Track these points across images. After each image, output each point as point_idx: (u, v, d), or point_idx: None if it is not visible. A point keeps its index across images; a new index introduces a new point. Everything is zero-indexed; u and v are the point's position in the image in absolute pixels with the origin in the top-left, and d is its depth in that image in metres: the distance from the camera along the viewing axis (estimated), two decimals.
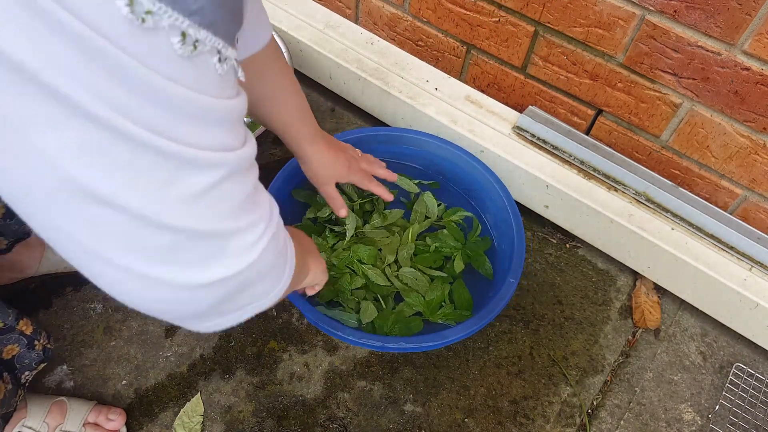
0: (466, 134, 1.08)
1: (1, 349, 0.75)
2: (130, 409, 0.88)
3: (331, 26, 1.24)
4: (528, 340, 1.01)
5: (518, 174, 1.06)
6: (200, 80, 0.33)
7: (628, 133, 1.06)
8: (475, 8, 1.07)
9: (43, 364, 0.81)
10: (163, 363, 0.94)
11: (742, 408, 0.97)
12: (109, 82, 0.29)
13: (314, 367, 0.95)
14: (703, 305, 1.03)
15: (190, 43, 0.31)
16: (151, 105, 0.31)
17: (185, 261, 0.38)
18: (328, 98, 1.31)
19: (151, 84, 0.30)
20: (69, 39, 0.27)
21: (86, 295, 0.99)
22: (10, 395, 0.75)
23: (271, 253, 0.46)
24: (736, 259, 0.97)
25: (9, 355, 0.76)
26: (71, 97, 0.28)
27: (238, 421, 0.89)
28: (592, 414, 0.95)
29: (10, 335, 0.75)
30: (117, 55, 0.29)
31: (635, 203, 1.02)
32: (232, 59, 0.36)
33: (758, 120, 0.89)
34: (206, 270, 0.40)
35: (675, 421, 0.96)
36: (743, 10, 0.80)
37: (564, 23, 0.98)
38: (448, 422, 0.92)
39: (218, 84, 0.35)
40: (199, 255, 0.39)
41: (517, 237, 0.95)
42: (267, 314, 1.00)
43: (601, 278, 1.11)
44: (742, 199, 1.01)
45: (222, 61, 0.34)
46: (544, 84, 1.09)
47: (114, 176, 0.32)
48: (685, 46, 0.89)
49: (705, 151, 0.99)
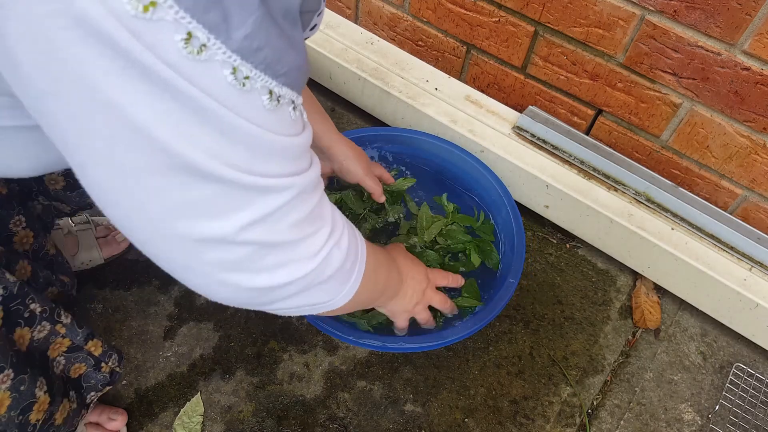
0: (466, 134, 1.08)
1: (68, 367, 0.75)
2: (130, 409, 0.88)
3: (331, 26, 1.24)
4: (528, 340, 1.01)
5: (518, 174, 1.06)
6: (280, 125, 0.41)
7: (628, 133, 1.06)
8: (475, 8, 1.07)
9: (108, 386, 0.80)
10: (163, 363, 0.94)
11: (742, 408, 0.97)
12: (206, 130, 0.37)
13: (314, 367, 0.95)
14: (703, 305, 1.03)
15: (275, 99, 0.40)
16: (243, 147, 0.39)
17: (256, 269, 0.46)
18: (328, 98, 1.31)
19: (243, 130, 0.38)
20: (185, 100, 0.35)
21: (86, 295, 0.99)
22: (74, 415, 0.74)
23: (336, 260, 0.53)
24: (736, 259, 0.97)
25: (76, 374, 0.76)
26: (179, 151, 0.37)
27: (238, 421, 0.89)
28: (592, 414, 0.95)
29: (78, 354, 0.75)
30: (220, 111, 0.36)
31: (635, 203, 1.02)
32: (299, 105, 0.44)
33: (758, 120, 0.89)
34: (274, 275, 0.48)
35: (675, 421, 0.96)
36: (743, 10, 0.80)
37: (564, 23, 0.98)
38: (448, 422, 0.92)
39: (292, 126, 0.43)
40: (268, 263, 0.46)
41: (517, 237, 0.95)
42: (267, 314, 1.00)
43: (601, 278, 1.11)
44: (742, 199, 1.01)
45: (295, 109, 0.43)
46: (544, 84, 1.09)
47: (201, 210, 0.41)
48: (685, 46, 0.89)
49: (705, 151, 0.99)
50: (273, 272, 0.47)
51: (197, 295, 1.01)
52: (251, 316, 0.99)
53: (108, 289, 1.00)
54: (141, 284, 1.01)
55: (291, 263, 0.48)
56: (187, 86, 0.34)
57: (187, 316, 0.98)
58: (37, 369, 0.68)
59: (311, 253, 0.50)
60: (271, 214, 0.44)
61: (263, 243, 0.45)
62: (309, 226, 0.49)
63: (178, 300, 1.00)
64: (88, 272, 1.00)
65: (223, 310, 1.00)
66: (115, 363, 0.80)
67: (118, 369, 0.80)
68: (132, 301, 0.99)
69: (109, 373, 0.79)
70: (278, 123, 0.41)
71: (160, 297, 1.00)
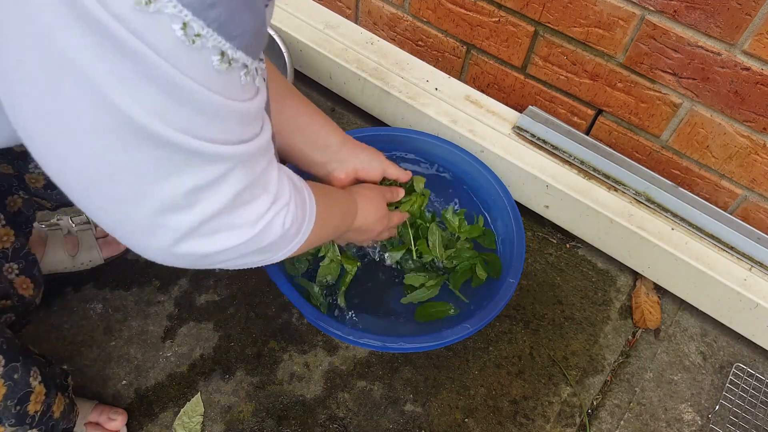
0: (466, 134, 1.08)
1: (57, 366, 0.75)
2: (130, 409, 0.88)
3: (331, 26, 1.24)
4: (528, 340, 1.01)
5: (518, 174, 1.06)
6: (229, 89, 0.40)
7: (628, 133, 1.06)
8: (475, 8, 1.07)
9: None
10: (163, 363, 0.94)
11: (742, 408, 0.97)
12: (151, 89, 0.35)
13: (314, 367, 0.95)
14: (703, 305, 1.03)
15: (226, 61, 0.38)
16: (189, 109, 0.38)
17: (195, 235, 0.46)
18: (328, 98, 1.31)
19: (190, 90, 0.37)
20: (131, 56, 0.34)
21: (86, 295, 0.99)
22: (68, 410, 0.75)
23: (276, 228, 0.53)
24: (736, 259, 0.97)
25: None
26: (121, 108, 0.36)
27: (238, 421, 0.89)
28: (592, 414, 0.95)
29: None
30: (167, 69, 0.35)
31: (635, 203, 1.02)
32: (253, 69, 0.42)
33: (758, 120, 0.89)
34: (213, 242, 0.48)
35: (675, 421, 0.96)
36: (743, 10, 0.80)
37: (564, 23, 0.98)
38: (448, 422, 0.92)
39: (242, 91, 0.42)
40: (206, 230, 0.46)
41: (517, 237, 0.95)
42: (267, 314, 1.00)
43: (601, 278, 1.11)
44: (742, 199, 1.01)
45: (247, 74, 0.41)
46: (544, 84, 1.09)
47: None
48: (685, 46, 0.89)
49: (705, 151, 0.99)
50: (212, 238, 0.47)
51: (197, 295, 1.01)
52: (251, 317, 0.99)
53: (108, 289, 1.00)
54: (141, 284, 1.01)
55: (230, 230, 0.48)
56: (134, 40, 0.33)
57: (187, 316, 0.98)
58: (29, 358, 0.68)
59: (251, 220, 0.50)
60: (215, 181, 0.43)
61: (204, 209, 0.44)
62: (249, 194, 0.48)
63: (178, 300, 1.00)
64: (88, 272, 1.00)
65: (223, 310, 1.00)
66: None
67: None
68: (132, 301, 0.99)
69: None
70: (227, 86, 0.40)
71: (160, 297, 1.00)
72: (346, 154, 0.85)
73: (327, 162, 0.84)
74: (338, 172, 0.85)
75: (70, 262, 0.97)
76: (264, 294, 1.02)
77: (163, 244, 0.45)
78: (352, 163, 0.86)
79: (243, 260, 0.54)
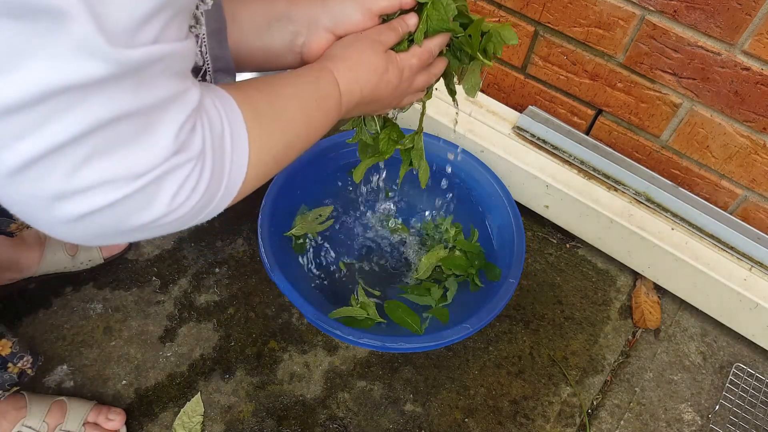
0: (466, 134, 1.08)
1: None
2: (130, 409, 0.88)
3: None
4: (528, 340, 1.01)
5: (518, 174, 1.06)
6: None
7: (628, 133, 1.06)
8: (475, 8, 1.07)
9: (15, 387, 0.78)
10: (163, 363, 0.93)
11: (742, 408, 0.97)
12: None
13: (314, 367, 0.95)
14: (703, 305, 1.03)
15: None
16: None
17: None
18: None
19: None
20: None
21: (86, 295, 0.99)
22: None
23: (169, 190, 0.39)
24: (736, 259, 0.97)
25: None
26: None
27: (238, 421, 0.89)
28: (592, 414, 0.95)
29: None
30: None
31: (635, 203, 1.02)
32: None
33: (758, 120, 0.89)
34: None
35: (675, 421, 0.96)
36: (743, 10, 0.80)
37: (564, 23, 0.98)
38: (448, 422, 0.92)
39: None
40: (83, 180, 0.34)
41: (517, 237, 0.95)
42: (267, 314, 1.00)
43: (601, 278, 1.11)
44: (742, 199, 1.01)
45: None
46: (544, 84, 1.09)
47: None
48: (685, 46, 0.89)
49: (705, 151, 0.99)
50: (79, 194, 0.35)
51: (197, 295, 1.01)
52: (251, 317, 0.99)
53: (108, 289, 1.00)
54: (141, 284, 1.01)
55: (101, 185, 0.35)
56: None
57: (187, 316, 0.98)
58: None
59: (130, 173, 0.36)
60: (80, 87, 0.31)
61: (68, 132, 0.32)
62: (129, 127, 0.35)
63: (178, 300, 1.00)
64: (88, 272, 1.00)
65: (223, 310, 1.00)
66: (27, 365, 0.77)
67: (29, 371, 0.77)
68: (132, 301, 0.99)
69: (18, 374, 0.76)
70: None
71: (160, 297, 1.00)
72: (305, 16, 0.59)
73: (290, 42, 0.60)
74: (309, 45, 0.60)
75: (70, 261, 0.97)
76: (264, 294, 1.02)
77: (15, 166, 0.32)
78: (321, 24, 0.60)
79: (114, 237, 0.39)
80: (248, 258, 1.06)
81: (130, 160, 0.36)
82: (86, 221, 0.36)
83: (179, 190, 0.39)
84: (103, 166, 0.34)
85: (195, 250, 1.06)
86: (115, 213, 0.37)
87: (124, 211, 0.37)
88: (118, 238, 0.40)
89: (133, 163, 0.36)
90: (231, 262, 1.05)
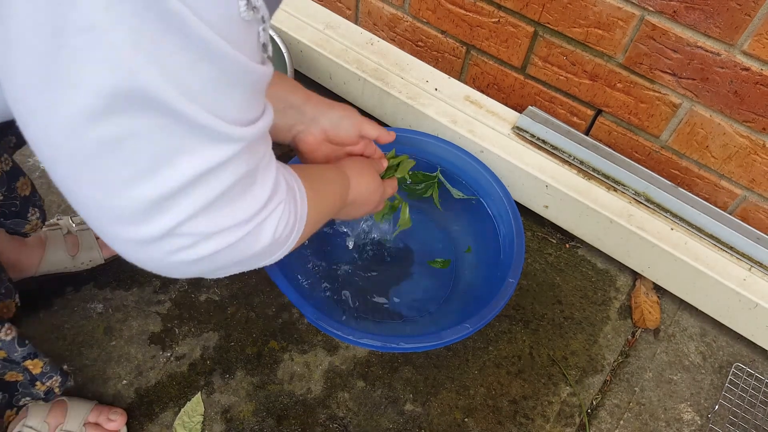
0: (466, 134, 1.08)
1: (3, 372, 0.74)
2: (130, 409, 0.88)
3: (331, 27, 1.24)
4: (528, 340, 1.01)
5: (518, 174, 1.07)
6: (248, 45, 0.37)
7: (627, 133, 1.06)
8: (475, 9, 1.07)
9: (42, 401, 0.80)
10: (163, 363, 0.94)
11: (742, 408, 0.97)
12: (172, 42, 0.32)
13: (314, 366, 0.95)
14: (702, 305, 1.03)
15: (252, 7, 0.35)
16: (206, 67, 0.34)
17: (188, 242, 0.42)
18: (328, 98, 1.31)
19: (210, 43, 0.33)
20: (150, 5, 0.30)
21: (86, 295, 0.99)
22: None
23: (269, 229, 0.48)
24: (736, 259, 0.98)
25: (12, 379, 0.75)
26: None
27: (239, 421, 0.89)
28: (592, 414, 0.95)
29: (14, 366, 0.74)
30: (185, 14, 0.31)
31: (635, 203, 1.02)
32: (268, 28, 0.39)
33: (758, 120, 0.90)
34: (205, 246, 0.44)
35: (674, 420, 0.96)
36: (743, 11, 0.81)
37: (563, 24, 0.98)
38: (448, 422, 0.92)
39: (258, 51, 0.39)
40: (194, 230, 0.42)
41: (517, 237, 0.95)
42: (267, 314, 1.00)
43: (601, 278, 1.11)
44: (741, 199, 1.01)
45: (264, 30, 0.38)
46: (543, 84, 1.10)
47: None
48: (684, 47, 0.89)
49: (704, 152, 0.99)
50: (205, 242, 0.43)
51: (197, 295, 1.01)
52: (251, 317, 0.99)
53: (108, 289, 1.00)
54: (141, 284, 1.01)
55: (221, 232, 0.43)
56: None
57: (187, 316, 0.99)
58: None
59: (241, 219, 0.44)
60: (220, 165, 0.39)
61: (201, 202, 0.40)
62: (243, 185, 0.43)
63: (178, 300, 1.00)
64: (88, 272, 1.00)
65: (223, 310, 1.00)
66: (56, 384, 0.78)
67: (57, 390, 0.79)
68: (132, 301, 0.99)
69: (45, 391, 0.78)
70: (247, 42, 0.36)
71: (160, 297, 1.00)
72: (312, 112, 0.75)
73: (291, 126, 0.75)
74: (305, 134, 0.75)
75: (71, 261, 0.97)
76: (264, 294, 1.02)
77: (151, 237, 0.40)
78: (320, 124, 0.75)
79: (229, 268, 0.49)
80: None
81: (242, 209, 0.44)
82: (205, 261, 0.44)
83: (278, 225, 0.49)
84: (223, 216, 0.43)
85: None
86: (230, 252, 0.45)
87: (237, 250, 0.46)
88: (231, 269, 0.49)
89: (244, 209, 0.44)
90: None
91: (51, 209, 1.08)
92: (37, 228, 0.86)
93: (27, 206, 0.83)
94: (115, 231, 0.40)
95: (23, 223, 0.84)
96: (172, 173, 0.37)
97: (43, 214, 0.86)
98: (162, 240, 0.40)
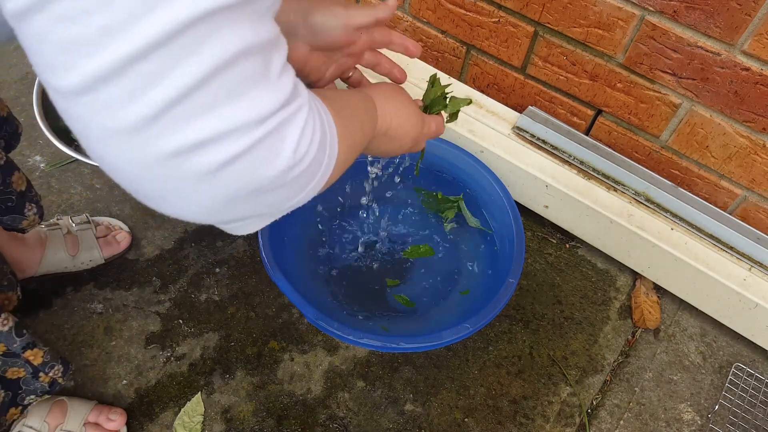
0: (466, 134, 1.08)
1: (5, 369, 0.74)
2: (130, 409, 0.88)
3: None
4: (528, 340, 1.01)
5: (518, 174, 1.07)
6: None
7: (627, 133, 1.06)
8: (475, 9, 1.07)
9: (47, 395, 0.80)
10: (163, 363, 0.94)
11: (742, 408, 0.97)
12: None
13: (314, 366, 0.95)
14: (702, 305, 1.03)
15: None
16: None
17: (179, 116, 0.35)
18: None
19: None
20: None
21: (86, 295, 0.99)
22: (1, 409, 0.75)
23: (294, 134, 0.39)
24: (736, 259, 0.98)
25: (14, 376, 0.75)
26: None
27: (239, 421, 0.89)
28: (592, 414, 0.95)
29: (15, 360, 0.74)
30: None
31: (635, 203, 1.02)
32: None
33: (758, 120, 0.90)
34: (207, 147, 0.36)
35: (674, 420, 0.96)
36: (743, 11, 0.81)
37: (564, 24, 0.98)
38: (448, 422, 0.92)
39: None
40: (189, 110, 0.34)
41: (517, 237, 0.95)
42: (267, 314, 1.00)
43: (601, 278, 1.11)
44: (741, 199, 1.01)
45: None
46: (543, 84, 1.10)
47: None
48: (684, 47, 0.89)
49: (704, 152, 0.99)
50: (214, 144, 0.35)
51: (197, 295, 1.01)
52: (251, 317, 0.99)
53: (108, 289, 1.00)
54: (141, 284, 1.01)
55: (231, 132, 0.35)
56: None
57: (188, 316, 0.99)
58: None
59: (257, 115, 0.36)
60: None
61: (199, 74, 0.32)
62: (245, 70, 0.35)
63: (178, 300, 1.00)
64: (88, 272, 1.00)
65: (223, 310, 1.00)
66: (58, 374, 0.79)
67: (60, 380, 0.79)
68: (132, 301, 0.99)
69: (49, 383, 0.78)
70: None
71: (160, 297, 1.00)
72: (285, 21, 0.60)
73: None
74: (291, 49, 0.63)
75: (71, 261, 0.97)
76: (264, 294, 1.02)
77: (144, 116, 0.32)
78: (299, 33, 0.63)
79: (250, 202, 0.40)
80: (248, 258, 1.06)
81: (255, 103, 0.36)
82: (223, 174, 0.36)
83: (301, 138, 0.40)
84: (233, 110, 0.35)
85: (195, 250, 1.06)
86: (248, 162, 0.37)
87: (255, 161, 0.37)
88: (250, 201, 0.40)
89: (258, 105, 0.36)
90: (231, 262, 1.05)
91: (51, 209, 1.08)
92: (34, 224, 0.86)
93: (23, 202, 0.83)
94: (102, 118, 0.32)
95: (20, 219, 0.84)
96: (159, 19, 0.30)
97: (40, 210, 0.86)
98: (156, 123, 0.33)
